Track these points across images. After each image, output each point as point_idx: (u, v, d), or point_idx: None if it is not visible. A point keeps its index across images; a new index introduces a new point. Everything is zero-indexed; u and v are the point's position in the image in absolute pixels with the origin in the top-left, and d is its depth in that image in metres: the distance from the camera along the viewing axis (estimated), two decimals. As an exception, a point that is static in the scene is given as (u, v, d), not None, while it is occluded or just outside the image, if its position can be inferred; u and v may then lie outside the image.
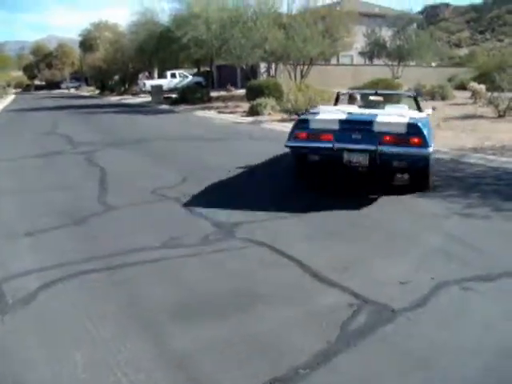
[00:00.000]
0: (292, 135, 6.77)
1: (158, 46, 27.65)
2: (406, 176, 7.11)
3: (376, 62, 31.01)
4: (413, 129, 6.17)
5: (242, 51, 23.21)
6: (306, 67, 27.56)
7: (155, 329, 3.35)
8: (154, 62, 33.31)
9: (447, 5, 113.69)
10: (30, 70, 79.83)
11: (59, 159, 10.34)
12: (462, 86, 26.56)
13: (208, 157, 10.18)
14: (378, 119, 6.40)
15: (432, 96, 21.93)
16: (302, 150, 6.75)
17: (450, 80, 29.83)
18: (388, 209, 6.13)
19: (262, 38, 23.20)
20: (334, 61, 37.14)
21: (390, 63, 28.28)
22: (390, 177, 7.22)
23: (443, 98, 21.67)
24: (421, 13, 77.36)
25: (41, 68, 76.96)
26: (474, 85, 20.37)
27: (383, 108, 7.80)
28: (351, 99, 9.10)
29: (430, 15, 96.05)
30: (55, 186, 7.84)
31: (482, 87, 19.81)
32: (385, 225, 5.46)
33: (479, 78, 24.76)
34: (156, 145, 12.11)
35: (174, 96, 30.20)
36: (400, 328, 3.24)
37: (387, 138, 6.19)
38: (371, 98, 9.24)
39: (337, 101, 9.70)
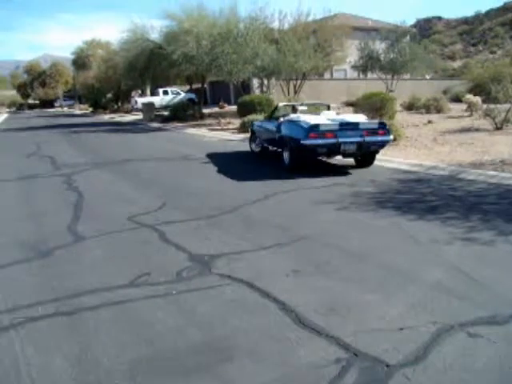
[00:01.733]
0: (306, 136, 9.18)
1: (148, 63, 27.26)
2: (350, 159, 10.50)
3: (370, 75, 30.69)
4: (381, 125, 9.62)
5: (232, 67, 22.84)
6: (298, 82, 27.24)
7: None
8: (146, 79, 32.87)
9: (439, 18, 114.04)
10: (23, 89, 79.34)
11: (37, 183, 9.80)
12: (457, 99, 26.21)
13: (192, 179, 9.67)
14: (361, 121, 9.72)
15: (427, 109, 21.55)
16: (314, 145, 9.27)
17: (444, 92, 29.52)
18: (382, 235, 5.61)
19: (253, 53, 22.85)
20: (328, 75, 36.89)
21: (383, 77, 27.93)
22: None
23: (438, 111, 21.27)
24: (414, 26, 77.57)
25: (34, 87, 76.53)
26: (470, 97, 19.96)
27: (319, 114, 11.22)
28: (294, 109, 12.30)
29: (423, 28, 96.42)
30: (25, 213, 7.29)
31: (478, 99, 19.40)
32: (378, 255, 4.92)
33: (474, 90, 24.42)
34: (141, 166, 11.60)
35: (165, 113, 29.79)
36: (396, 391, 2.70)
37: (366, 132, 9.35)
38: (302, 107, 12.47)
39: (274, 111, 12.59)
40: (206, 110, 29.87)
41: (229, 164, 11.53)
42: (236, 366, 3.01)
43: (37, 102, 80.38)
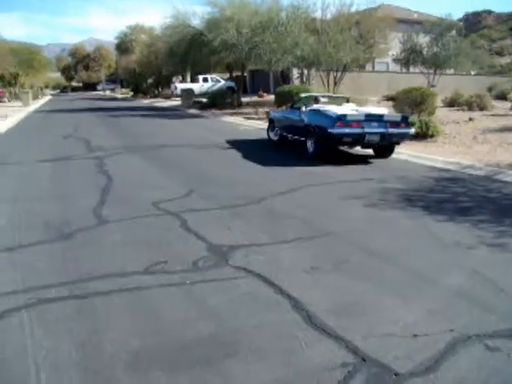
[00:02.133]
0: (333, 125, 9.49)
1: (189, 49, 27.32)
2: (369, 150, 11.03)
3: (412, 69, 29.94)
4: (403, 118, 10.19)
5: (272, 56, 22.64)
6: (339, 74, 26.82)
7: (102, 381, 2.79)
8: (186, 66, 33.00)
9: (489, 12, 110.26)
10: (67, 72, 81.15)
11: (69, 165, 9.95)
12: (502, 96, 25.33)
13: (222, 167, 9.67)
14: (385, 113, 10.31)
15: (469, 106, 20.88)
16: (341, 134, 9.62)
17: (489, 89, 28.55)
18: (408, 235, 5.44)
19: (293, 42, 22.58)
20: (369, 67, 36.21)
21: (425, 71, 27.18)
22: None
23: (481, 109, 20.55)
24: (462, 20, 75.29)
25: (78, 70, 78.17)
26: (515, 95, 19.23)
27: (341, 105, 11.61)
28: (316, 100, 11.91)
29: (472, 22, 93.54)
30: (54, 194, 7.40)
31: (524, 98, 18.66)
32: (401, 255, 4.75)
33: (521, 88, 23.53)
34: (173, 152, 11.64)
35: (204, 100, 29.88)
36: (402, 402, 2.58)
37: (389, 124, 9.77)
38: (324, 99, 12.41)
39: (296, 101, 12.91)
40: (244, 99, 29.82)
41: (259, 152, 11.51)
42: (240, 361, 2.94)
43: (80, 84, 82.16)
